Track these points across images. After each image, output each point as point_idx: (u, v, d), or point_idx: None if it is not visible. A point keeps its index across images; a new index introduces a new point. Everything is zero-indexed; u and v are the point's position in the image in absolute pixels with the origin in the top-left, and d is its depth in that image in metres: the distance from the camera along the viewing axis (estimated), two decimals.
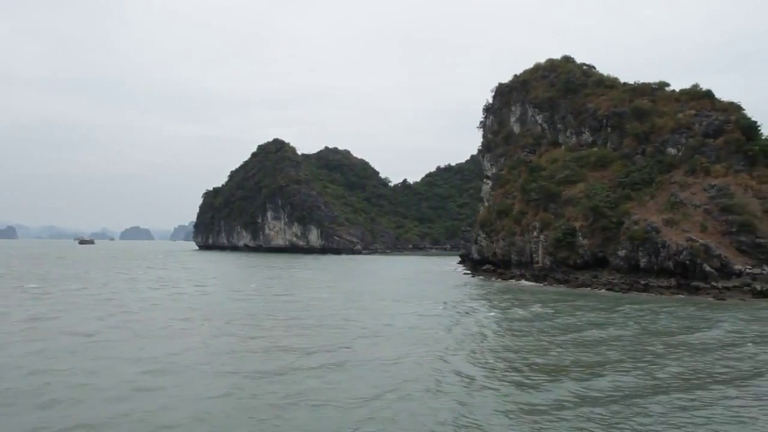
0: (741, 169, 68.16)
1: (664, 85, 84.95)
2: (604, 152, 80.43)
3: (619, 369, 26.35)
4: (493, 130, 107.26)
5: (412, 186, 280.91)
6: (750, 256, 59.91)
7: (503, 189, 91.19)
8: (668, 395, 22.10)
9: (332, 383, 23.42)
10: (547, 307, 49.62)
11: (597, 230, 70.52)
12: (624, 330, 37.45)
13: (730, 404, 21.17)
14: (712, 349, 30.99)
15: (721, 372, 25.99)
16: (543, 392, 22.41)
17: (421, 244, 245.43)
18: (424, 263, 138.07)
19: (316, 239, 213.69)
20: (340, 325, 38.79)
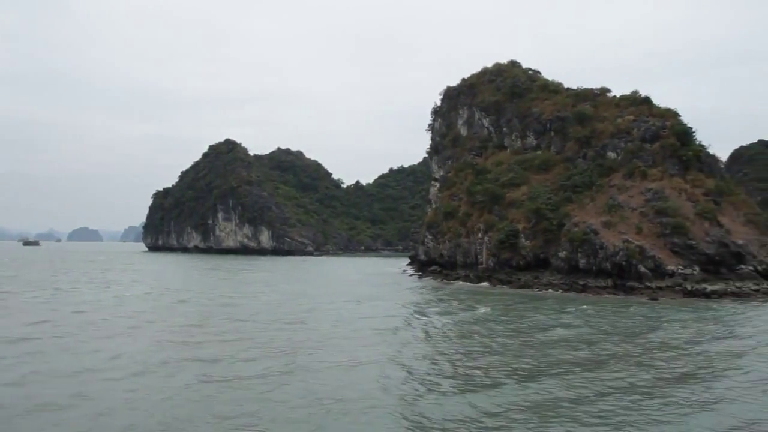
0: (676, 173, 70.52)
1: (605, 90, 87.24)
2: (547, 156, 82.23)
3: (557, 371, 27.25)
4: (441, 133, 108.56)
5: (365, 187, 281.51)
6: (682, 257, 62.04)
7: (450, 191, 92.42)
8: (610, 395, 22.99)
9: (274, 389, 23.51)
10: (486, 307, 50.65)
11: (539, 232, 72.07)
12: (555, 330, 38.59)
13: (672, 403, 22.19)
14: (639, 348, 32.23)
15: (659, 370, 27.13)
16: (485, 394, 22.88)
17: (374, 245, 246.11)
18: (374, 264, 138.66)
19: (268, 241, 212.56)
20: (283, 327, 39.04)
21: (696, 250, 62.25)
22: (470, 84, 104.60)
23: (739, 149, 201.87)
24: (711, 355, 29.97)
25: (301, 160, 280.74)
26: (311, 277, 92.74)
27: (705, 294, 56.19)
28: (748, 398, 22.10)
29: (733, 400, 21.92)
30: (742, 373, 26.05)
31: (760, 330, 38.02)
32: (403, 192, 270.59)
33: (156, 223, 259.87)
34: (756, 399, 22.03)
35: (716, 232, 64.10)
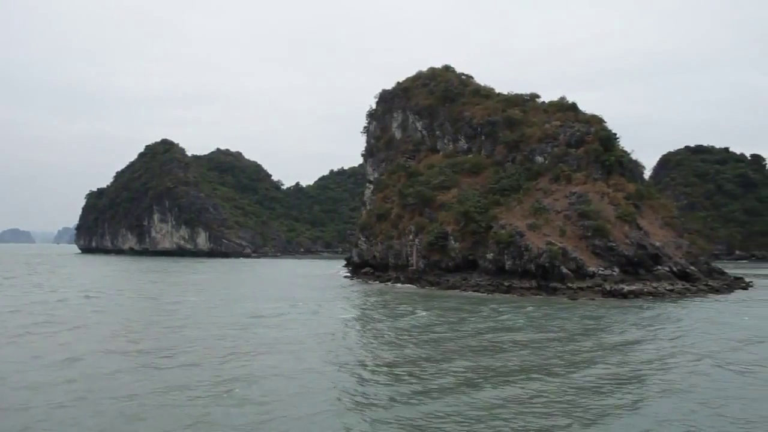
0: (599, 177, 72.79)
1: (535, 96, 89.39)
2: (478, 159, 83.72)
3: (465, 365, 27.95)
4: (375, 136, 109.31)
5: (305, 189, 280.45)
6: (603, 259, 64.11)
7: (383, 193, 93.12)
8: (507, 386, 23.76)
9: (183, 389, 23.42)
10: (409, 307, 51.42)
11: (467, 234, 73.28)
12: (475, 329, 39.48)
13: (562, 393, 23.04)
14: (548, 345, 33.28)
15: (556, 363, 28.09)
16: (397, 389, 23.34)
17: (313, 247, 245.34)
18: (311, 267, 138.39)
19: (205, 242, 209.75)
20: (205, 330, 38.87)
21: (616, 251, 64.41)
22: (405, 88, 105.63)
23: (667, 155, 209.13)
24: (597, 353, 31.20)
25: (241, 161, 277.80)
26: (244, 280, 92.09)
27: (622, 294, 58.14)
28: (624, 396, 23.16)
29: (608, 393, 22.96)
30: (617, 368, 27.25)
31: (657, 328, 39.67)
32: (344, 194, 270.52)
33: (89, 224, 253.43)
34: (611, 392, 23.12)
35: (635, 234, 66.48)
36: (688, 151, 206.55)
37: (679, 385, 24.10)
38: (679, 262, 67.37)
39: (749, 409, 21.03)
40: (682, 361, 28.81)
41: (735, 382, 24.84)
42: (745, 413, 20.50)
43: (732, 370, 26.92)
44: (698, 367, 27.41)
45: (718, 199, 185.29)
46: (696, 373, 26.34)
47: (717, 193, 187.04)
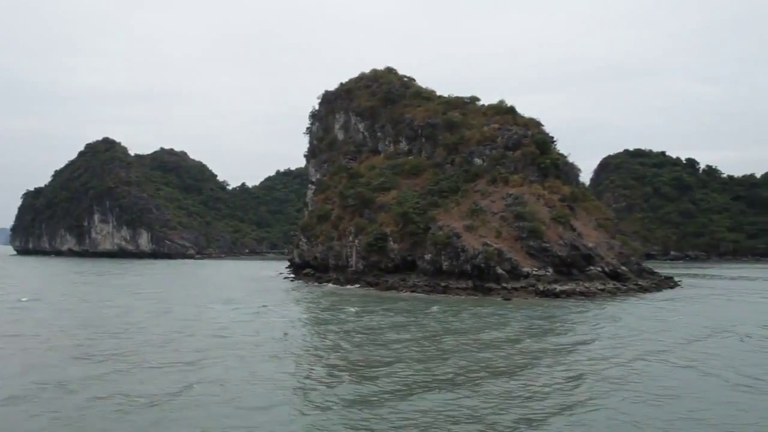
0: (535, 179, 74.14)
1: (475, 99, 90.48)
2: (418, 161, 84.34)
3: (402, 367, 28.16)
4: (318, 137, 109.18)
5: (251, 190, 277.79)
6: (537, 259, 65.30)
7: (324, 194, 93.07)
8: (440, 389, 24.01)
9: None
10: (344, 308, 51.54)
11: (406, 235, 73.77)
12: (407, 330, 39.80)
13: (496, 394, 23.40)
14: (474, 345, 33.79)
15: (490, 365, 28.53)
16: (334, 391, 23.52)
17: (259, 248, 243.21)
18: (254, 267, 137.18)
19: (147, 244, 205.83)
20: (130, 331, 38.26)
21: (550, 252, 65.68)
22: (347, 89, 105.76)
23: (607, 158, 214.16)
24: (530, 351, 31.88)
25: (185, 161, 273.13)
26: (184, 282, 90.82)
27: (555, 294, 59.35)
28: (554, 393, 23.74)
29: (544, 393, 23.51)
30: (548, 368, 27.92)
31: (583, 327, 40.72)
32: (290, 194, 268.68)
33: (26, 224, 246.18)
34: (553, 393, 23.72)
35: (569, 235, 67.90)
36: (627, 154, 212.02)
37: (602, 386, 24.78)
38: (611, 262, 69.09)
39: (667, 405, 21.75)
40: (611, 359, 29.64)
41: (647, 378, 25.65)
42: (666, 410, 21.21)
43: (641, 366, 27.83)
44: (613, 365, 28.25)
45: (655, 201, 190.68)
46: (615, 369, 27.13)
47: (654, 195, 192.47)
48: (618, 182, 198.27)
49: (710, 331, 38.48)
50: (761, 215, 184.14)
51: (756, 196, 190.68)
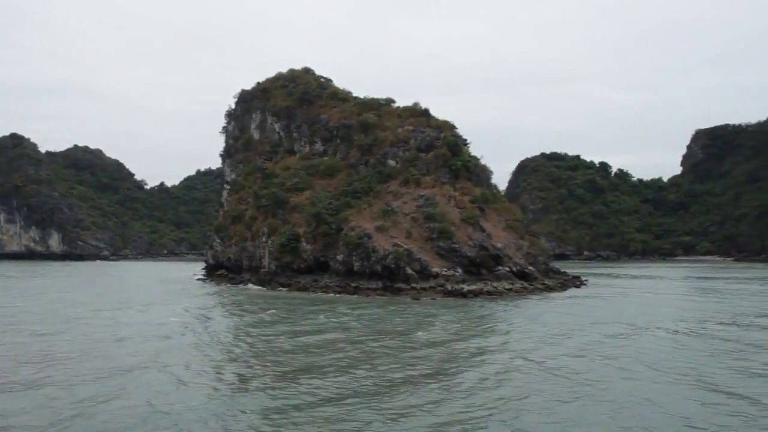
0: (446, 181, 75.29)
1: (390, 101, 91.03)
2: (332, 162, 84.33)
3: (290, 365, 28.01)
4: (234, 136, 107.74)
5: (170, 189, 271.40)
6: (447, 260, 66.35)
7: (239, 195, 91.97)
8: (320, 382, 24.02)
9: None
10: (249, 309, 51.22)
11: (319, 236, 73.68)
12: (309, 330, 39.78)
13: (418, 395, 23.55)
14: (369, 343, 34.06)
15: (374, 362, 28.74)
16: (248, 398, 23.11)
17: (178, 249, 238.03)
18: (170, 269, 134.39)
19: (58, 244, 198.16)
20: (38, 338, 36.91)
21: (459, 253, 66.83)
22: (264, 88, 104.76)
23: (524, 161, 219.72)
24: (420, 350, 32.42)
25: (101, 159, 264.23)
26: (94, 283, 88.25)
27: (462, 294, 60.38)
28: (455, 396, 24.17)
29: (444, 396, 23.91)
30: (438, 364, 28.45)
31: (480, 326, 41.67)
32: (211, 194, 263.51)
33: None
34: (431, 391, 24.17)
35: (478, 236, 69.27)
36: (544, 157, 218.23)
37: (486, 381, 25.37)
38: (519, 262, 70.83)
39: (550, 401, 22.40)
40: (493, 358, 30.39)
41: (538, 376, 26.42)
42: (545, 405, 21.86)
43: (536, 364, 28.68)
44: (501, 363, 29.02)
45: (570, 203, 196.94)
46: (504, 367, 27.86)
47: (569, 197, 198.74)
48: (535, 184, 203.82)
49: (588, 326, 40.05)
50: (667, 217, 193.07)
51: (662, 198, 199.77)
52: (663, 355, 30.49)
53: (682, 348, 32.54)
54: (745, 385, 24.37)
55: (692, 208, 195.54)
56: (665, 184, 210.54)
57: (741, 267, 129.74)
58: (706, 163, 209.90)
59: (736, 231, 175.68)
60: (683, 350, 31.87)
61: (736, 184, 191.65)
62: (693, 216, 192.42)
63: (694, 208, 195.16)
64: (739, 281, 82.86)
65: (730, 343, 33.92)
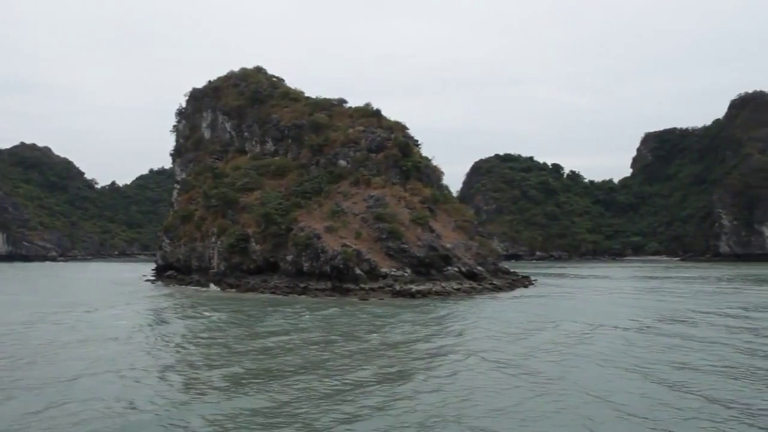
0: (397, 181, 75.60)
1: (342, 101, 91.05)
2: (283, 162, 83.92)
3: (234, 367, 27.72)
4: (184, 135, 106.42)
5: (122, 189, 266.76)
6: (396, 260, 66.55)
7: (189, 194, 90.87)
8: (271, 387, 23.83)
9: None
10: (195, 310, 50.62)
11: (269, 236, 73.18)
12: (250, 332, 39.50)
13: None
14: (314, 345, 33.99)
15: (316, 364, 28.65)
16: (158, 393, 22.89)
17: (129, 250, 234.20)
18: (119, 270, 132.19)
19: (2, 245, 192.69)
20: None
21: (408, 253, 67.08)
22: (215, 87, 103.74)
23: (478, 162, 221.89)
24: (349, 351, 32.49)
25: (49, 158, 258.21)
26: (37, 285, 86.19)
27: (411, 294, 60.59)
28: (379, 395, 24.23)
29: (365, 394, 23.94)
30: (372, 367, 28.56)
31: (426, 326, 41.93)
32: (164, 194, 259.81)
33: None
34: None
35: (427, 237, 69.64)
36: (498, 158, 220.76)
37: (432, 381, 25.51)
38: (468, 262, 71.42)
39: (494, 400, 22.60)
40: (439, 358, 30.58)
41: (483, 374, 26.67)
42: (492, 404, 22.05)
43: (480, 362, 28.96)
44: (447, 362, 29.24)
45: (523, 203, 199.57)
46: (448, 366, 28.06)
47: (522, 198, 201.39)
48: (489, 185, 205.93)
49: (527, 324, 40.65)
50: (617, 218, 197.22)
51: (613, 200, 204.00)
52: (596, 350, 31.09)
53: (619, 344, 33.23)
54: (684, 378, 24.98)
55: (641, 210, 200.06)
56: (616, 186, 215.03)
57: (686, 266, 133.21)
58: (654, 165, 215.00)
59: (683, 231, 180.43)
60: (619, 346, 32.55)
61: (682, 186, 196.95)
62: (642, 217, 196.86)
63: (644, 210, 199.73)
64: (678, 281, 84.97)
65: (664, 338, 34.73)
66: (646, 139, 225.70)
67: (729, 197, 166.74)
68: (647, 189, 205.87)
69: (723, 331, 37.60)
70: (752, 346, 32.42)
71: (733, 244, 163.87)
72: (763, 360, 28.75)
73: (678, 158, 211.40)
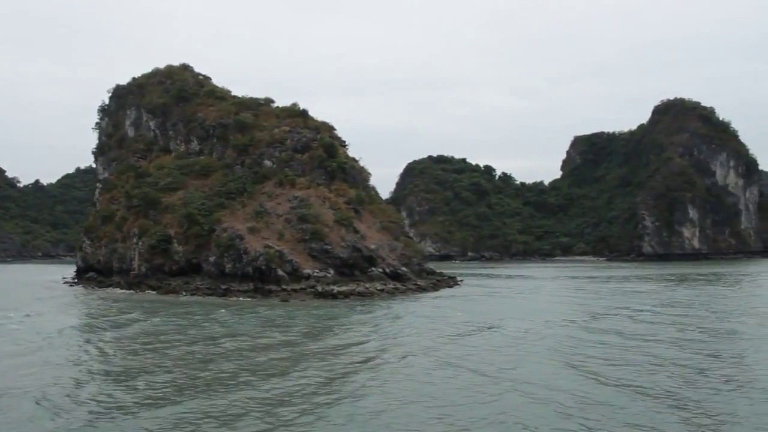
0: (322, 182, 75.43)
1: (269, 101, 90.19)
2: (208, 161, 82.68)
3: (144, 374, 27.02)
4: (107, 133, 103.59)
5: (47, 188, 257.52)
6: (319, 261, 66.42)
7: (110, 194, 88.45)
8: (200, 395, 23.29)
9: None
10: (111, 315, 49.44)
11: (191, 237, 71.97)
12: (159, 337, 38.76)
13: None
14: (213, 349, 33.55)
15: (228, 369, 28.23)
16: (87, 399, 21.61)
17: (54, 251, 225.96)
18: (40, 271, 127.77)
19: None
20: None
21: (331, 254, 67.04)
22: (140, 84, 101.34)
23: (411, 163, 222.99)
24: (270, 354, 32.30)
25: None
26: None
27: (332, 295, 60.56)
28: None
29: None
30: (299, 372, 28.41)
31: (341, 327, 42.01)
32: (91, 194, 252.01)
33: None
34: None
35: (351, 237, 69.71)
36: (431, 160, 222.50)
37: (332, 383, 25.44)
38: (392, 263, 71.79)
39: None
40: (335, 360, 30.60)
41: (381, 373, 26.78)
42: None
43: (383, 363, 29.08)
44: (344, 363, 29.28)
45: (456, 205, 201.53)
46: (347, 367, 28.06)
47: (454, 199, 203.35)
48: (421, 187, 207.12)
49: (443, 325, 41.19)
50: (547, 219, 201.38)
51: (543, 201, 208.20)
52: (506, 350, 31.70)
53: (530, 342, 33.98)
54: (599, 371, 25.70)
55: (570, 211, 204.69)
56: (546, 188, 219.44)
57: (610, 266, 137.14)
58: (583, 168, 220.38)
59: (609, 232, 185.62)
60: (528, 344, 33.28)
61: (609, 189, 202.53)
62: (571, 218, 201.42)
63: (572, 211, 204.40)
64: (597, 281, 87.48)
65: (581, 334, 35.67)
66: (575, 142, 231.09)
67: (651, 199, 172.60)
68: (576, 191, 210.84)
69: (645, 327, 38.87)
70: (656, 339, 33.62)
71: (655, 244, 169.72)
72: (677, 352, 29.75)
73: (605, 161, 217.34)
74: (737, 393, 22.95)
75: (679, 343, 33.43)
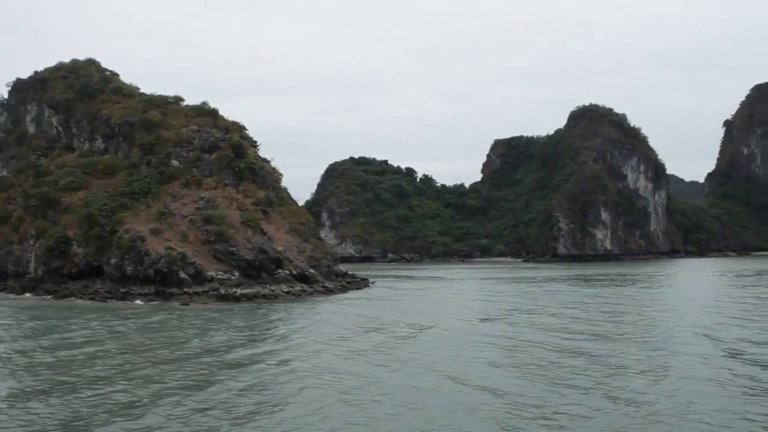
0: (229, 183, 74.08)
1: (179, 99, 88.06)
2: (113, 160, 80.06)
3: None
4: (6, 129, 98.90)
5: None
6: (224, 263, 65.23)
7: (7, 194, 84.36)
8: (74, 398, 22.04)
9: None
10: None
11: (92, 239, 69.53)
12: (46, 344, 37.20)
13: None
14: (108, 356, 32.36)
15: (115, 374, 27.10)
16: None
17: None
18: None
19: None
20: None
21: (237, 256, 65.95)
22: (42, 78, 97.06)
23: (333, 164, 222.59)
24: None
25: None
26: None
27: (236, 298, 59.63)
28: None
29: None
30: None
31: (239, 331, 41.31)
32: None
33: None
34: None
35: (258, 239, 68.76)
36: (352, 161, 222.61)
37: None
38: (300, 265, 71.23)
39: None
40: (205, 360, 29.97)
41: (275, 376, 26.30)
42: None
43: (276, 367, 28.61)
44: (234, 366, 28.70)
45: (377, 206, 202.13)
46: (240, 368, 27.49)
47: (375, 201, 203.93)
48: (342, 188, 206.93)
49: (343, 328, 41.08)
50: (466, 220, 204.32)
51: (463, 203, 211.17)
52: (405, 353, 31.70)
53: (426, 345, 34.23)
54: (492, 376, 25.97)
55: (490, 213, 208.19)
56: (466, 190, 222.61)
57: (527, 267, 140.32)
58: (502, 171, 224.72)
59: (526, 234, 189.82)
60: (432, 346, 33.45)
61: (527, 191, 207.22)
62: (490, 220, 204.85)
63: (492, 213, 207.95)
64: (511, 281, 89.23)
65: (477, 337, 36.03)
66: (495, 145, 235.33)
67: (566, 202, 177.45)
68: (495, 194, 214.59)
69: (534, 330, 39.54)
70: (557, 343, 34.21)
71: (570, 245, 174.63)
72: (569, 358, 30.19)
73: (524, 164, 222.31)
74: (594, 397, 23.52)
75: (553, 343, 34.17)
